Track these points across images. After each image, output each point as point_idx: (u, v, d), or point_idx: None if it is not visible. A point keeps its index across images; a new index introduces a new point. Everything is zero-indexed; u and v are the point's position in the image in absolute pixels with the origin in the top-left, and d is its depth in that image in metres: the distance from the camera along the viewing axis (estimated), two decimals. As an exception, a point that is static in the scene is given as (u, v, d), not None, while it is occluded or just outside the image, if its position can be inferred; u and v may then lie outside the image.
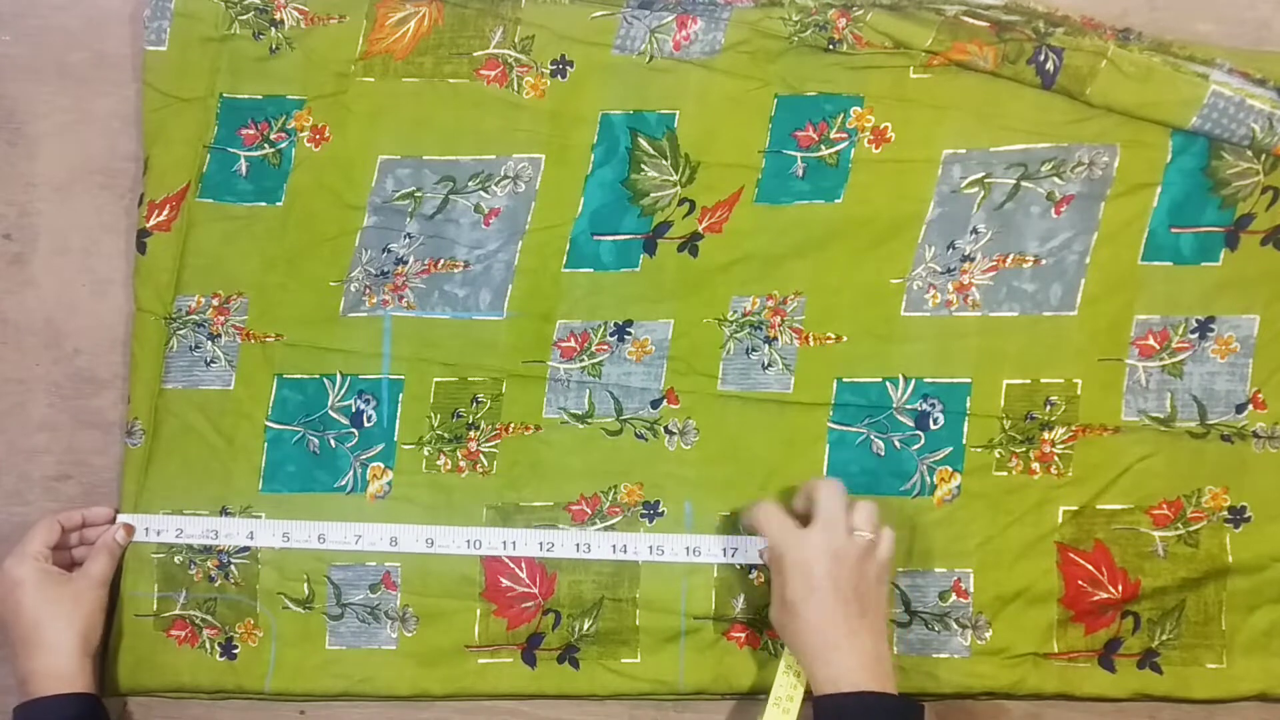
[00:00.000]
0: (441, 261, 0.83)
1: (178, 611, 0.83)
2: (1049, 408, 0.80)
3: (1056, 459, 0.80)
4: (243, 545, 0.83)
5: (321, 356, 0.84)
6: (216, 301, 0.84)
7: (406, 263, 0.83)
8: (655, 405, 0.83)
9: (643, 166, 0.83)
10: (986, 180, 0.81)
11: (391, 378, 0.83)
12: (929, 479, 0.81)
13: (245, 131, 0.84)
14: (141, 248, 0.84)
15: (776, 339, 0.82)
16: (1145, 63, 0.78)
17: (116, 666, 0.82)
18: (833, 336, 0.82)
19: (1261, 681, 0.79)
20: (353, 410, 0.83)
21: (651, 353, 0.83)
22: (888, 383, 0.81)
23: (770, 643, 0.81)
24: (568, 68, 0.83)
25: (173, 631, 0.83)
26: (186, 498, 0.83)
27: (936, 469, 0.81)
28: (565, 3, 0.83)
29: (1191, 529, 0.80)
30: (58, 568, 0.79)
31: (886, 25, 0.80)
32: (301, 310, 0.84)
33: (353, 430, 0.83)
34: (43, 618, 0.76)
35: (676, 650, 0.81)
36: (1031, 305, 0.80)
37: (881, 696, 0.70)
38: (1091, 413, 0.80)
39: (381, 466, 0.83)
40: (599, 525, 0.83)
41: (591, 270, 0.83)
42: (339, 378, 0.84)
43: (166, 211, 0.84)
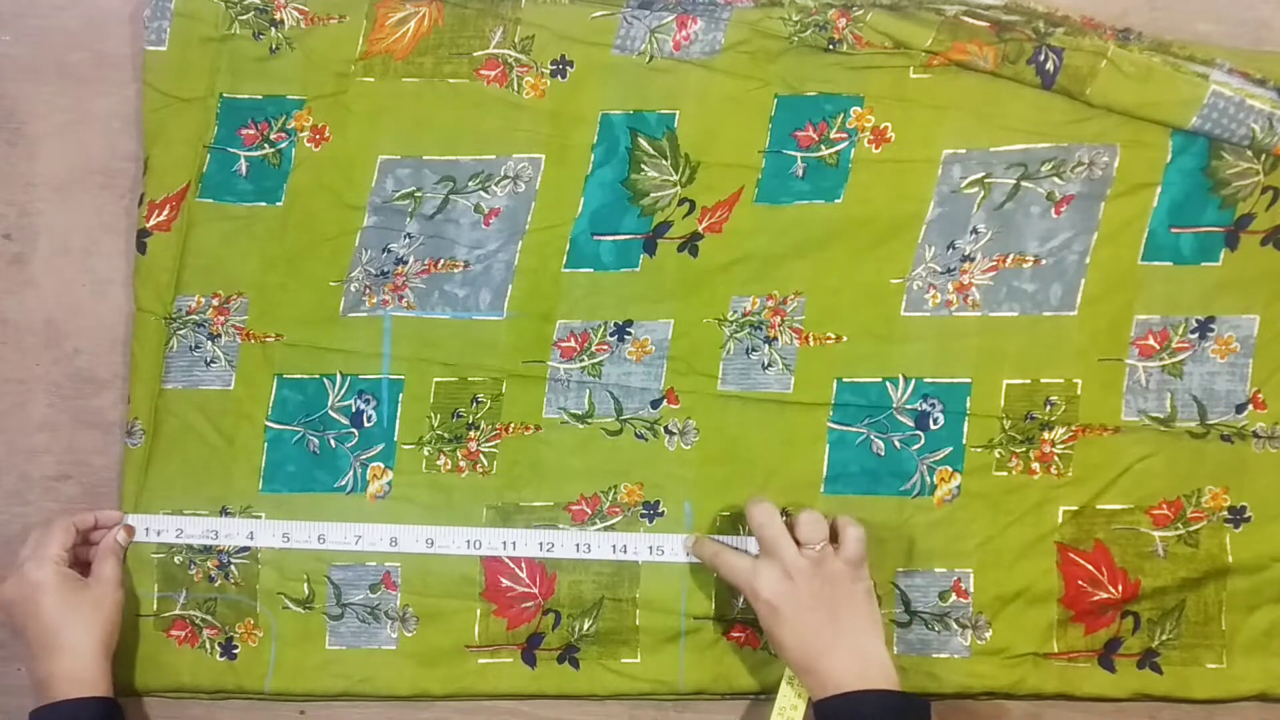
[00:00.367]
0: (441, 261, 0.83)
1: (178, 611, 0.83)
2: (1049, 408, 0.80)
3: (1056, 459, 0.80)
4: (243, 545, 0.83)
5: (321, 356, 0.84)
6: (216, 301, 0.84)
7: (406, 263, 0.83)
8: (655, 405, 0.83)
9: (643, 166, 0.83)
10: (986, 180, 0.81)
11: (391, 378, 0.83)
12: (929, 479, 0.81)
13: (245, 131, 0.84)
14: (141, 248, 0.84)
15: (776, 339, 0.82)
16: (1145, 63, 0.78)
17: (116, 666, 0.82)
18: (833, 336, 0.82)
19: (1261, 681, 0.79)
20: (353, 410, 0.83)
21: (651, 353, 0.83)
22: (888, 383, 0.81)
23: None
24: (568, 68, 0.83)
25: (173, 631, 0.83)
26: (186, 498, 0.83)
27: (936, 469, 0.81)
28: (565, 3, 0.83)
29: (1191, 529, 0.80)
30: (75, 571, 0.79)
31: (886, 25, 0.80)
32: (301, 310, 0.84)
33: (353, 430, 0.83)
34: (63, 622, 0.76)
35: (676, 650, 0.81)
36: (1031, 305, 0.80)
37: (878, 694, 0.70)
38: (1091, 413, 0.80)
39: (381, 466, 0.83)
40: (599, 525, 0.82)
41: (591, 270, 0.83)
42: (339, 378, 0.83)
43: (166, 211, 0.84)
